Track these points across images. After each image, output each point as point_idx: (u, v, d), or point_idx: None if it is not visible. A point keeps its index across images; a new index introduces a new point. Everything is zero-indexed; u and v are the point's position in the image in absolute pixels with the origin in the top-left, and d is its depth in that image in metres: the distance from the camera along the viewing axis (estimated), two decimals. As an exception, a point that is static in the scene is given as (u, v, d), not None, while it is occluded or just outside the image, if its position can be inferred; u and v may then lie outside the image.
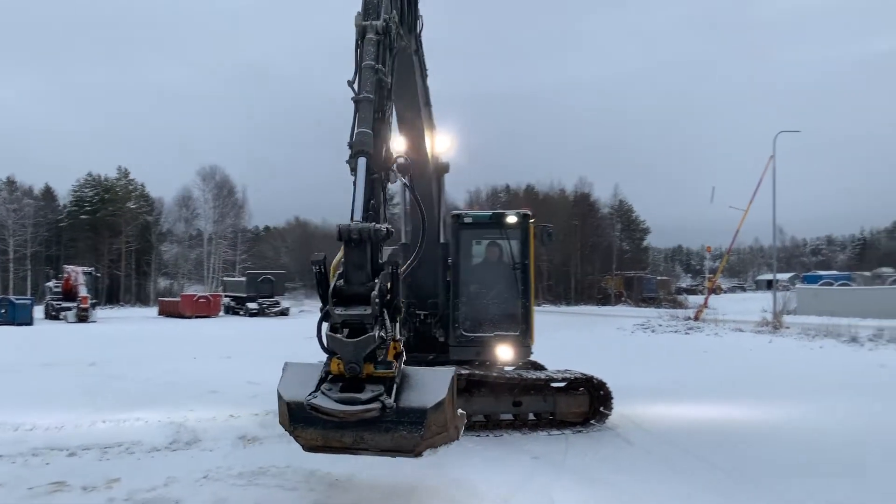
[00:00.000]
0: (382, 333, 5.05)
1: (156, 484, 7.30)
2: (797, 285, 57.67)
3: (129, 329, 34.20)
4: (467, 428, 9.74)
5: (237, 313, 47.80)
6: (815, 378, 15.83)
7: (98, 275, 51.37)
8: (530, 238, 10.69)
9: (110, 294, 68.49)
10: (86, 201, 73.83)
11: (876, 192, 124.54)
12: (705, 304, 39.28)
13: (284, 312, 47.23)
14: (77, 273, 42.45)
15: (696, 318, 35.33)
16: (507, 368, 11.09)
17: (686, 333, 29.41)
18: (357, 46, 6.17)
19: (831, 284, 55.64)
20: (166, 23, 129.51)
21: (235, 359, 19.55)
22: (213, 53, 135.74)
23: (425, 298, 10.58)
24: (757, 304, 41.61)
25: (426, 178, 10.02)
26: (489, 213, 10.95)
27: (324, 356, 5.25)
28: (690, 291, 74.92)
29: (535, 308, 11.15)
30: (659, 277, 77.78)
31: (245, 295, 48.21)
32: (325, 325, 5.25)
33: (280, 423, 5.50)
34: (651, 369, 17.34)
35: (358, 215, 5.37)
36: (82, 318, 39.22)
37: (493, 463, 8.38)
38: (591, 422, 10.24)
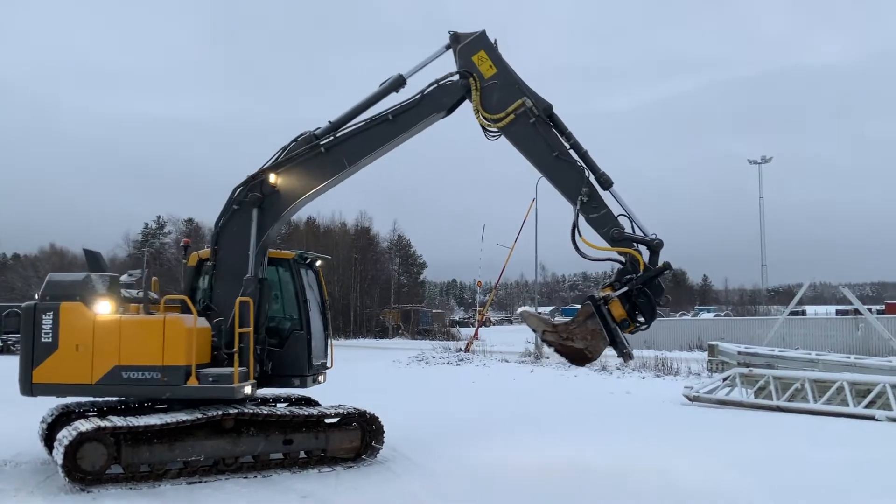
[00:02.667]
0: None
1: None
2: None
3: None
4: (233, 471, 9.46)
5: (-26, 352, 42.29)
6: (559, 405, 17.24)
7: None
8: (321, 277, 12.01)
9: None
10: None
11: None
12: (475, 336, 41.22)
13: (33, 350, 42.48)
14: None
15: (467, 350, 36.95)
16: (278, 405, 10.92)
17: (457, 364, 30.65)
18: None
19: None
20: None
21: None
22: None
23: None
24: (522, 335, 44.23)
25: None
26: (303, 252, 11.68)
27: None
28: (463, 324, 78.08)
29: None
30: (434, 310, 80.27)
31: (-15, 331, 42.86)
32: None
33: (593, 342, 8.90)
34: (423, 401, 17.89)
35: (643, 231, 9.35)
36: None
37: (260, 505, 8.18)
38: (363, 456, 10.35)
